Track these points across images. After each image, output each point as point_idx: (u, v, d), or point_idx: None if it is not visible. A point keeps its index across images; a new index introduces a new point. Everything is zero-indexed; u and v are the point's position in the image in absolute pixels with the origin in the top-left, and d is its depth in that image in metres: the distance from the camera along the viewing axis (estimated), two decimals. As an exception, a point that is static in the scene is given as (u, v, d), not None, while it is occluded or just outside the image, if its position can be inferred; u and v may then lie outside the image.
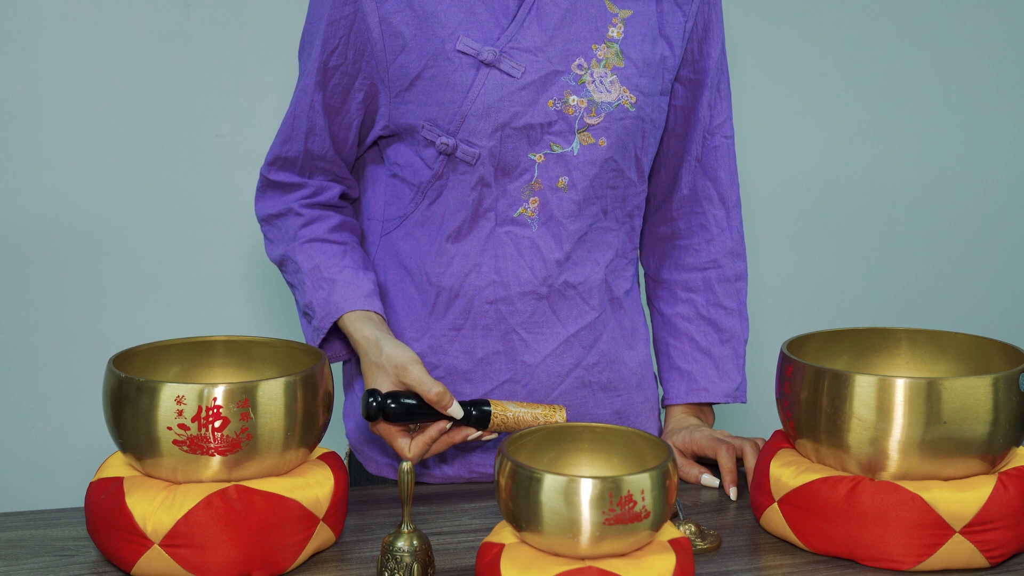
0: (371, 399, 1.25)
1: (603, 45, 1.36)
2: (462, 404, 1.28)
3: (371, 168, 1.47)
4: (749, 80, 2.21)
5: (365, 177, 1.48)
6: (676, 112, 1.48)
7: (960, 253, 2.42)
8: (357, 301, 1.36)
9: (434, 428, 1.28)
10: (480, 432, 1.30)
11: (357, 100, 1.39)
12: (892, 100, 2.33)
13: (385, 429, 1.29)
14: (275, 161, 1.43)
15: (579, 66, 1.35)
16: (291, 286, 1.45)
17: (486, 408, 1.28)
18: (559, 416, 1.30)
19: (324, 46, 1.36)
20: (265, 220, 1.47)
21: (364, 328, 1.33)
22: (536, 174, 1.36)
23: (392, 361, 1.28)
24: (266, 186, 1.46)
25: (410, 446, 1.28)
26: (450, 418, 1.27)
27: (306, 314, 1.41)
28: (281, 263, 1.45)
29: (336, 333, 1.43)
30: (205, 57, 1.97)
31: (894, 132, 2.34)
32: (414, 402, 1.26)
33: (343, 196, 1.48)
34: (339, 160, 1.43)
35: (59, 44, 1.91)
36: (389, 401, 1.26)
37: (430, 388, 1.25)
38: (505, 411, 1.29)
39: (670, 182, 1.52)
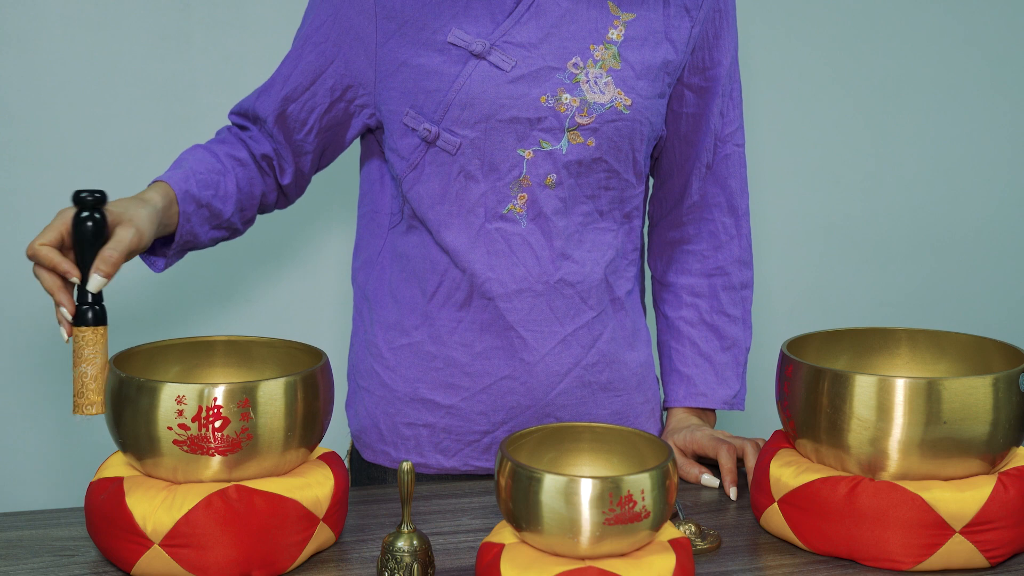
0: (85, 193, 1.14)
1: (601, 46, 1.36)
2: (90, 305, 1.15)
3: (377, 164, 1.47)
4: (749, 80, 2.22)
5: (372, 173, 1.49)
6: (687, 119, 1.48)
7: (960, 253, 2.42)
8: (173, 176, 1.31)
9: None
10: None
11: (326, 86, 1.40)
12: (891, 102, 2.33)
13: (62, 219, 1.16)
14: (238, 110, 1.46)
15: (575, 65, 1.35)
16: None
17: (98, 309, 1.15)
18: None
19: (314, 20, 1.39)
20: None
21: (149, 191, 1.27)
22: (524, 170, 1.36)
23: (127, 208, 1.20)
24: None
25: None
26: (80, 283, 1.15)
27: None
28: None
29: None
30: (205, 57, 1.97)
31: (894, 133, 2.34)
32: (92, 232, 1.15)
33: (266, 159, 1.44)
34: (282, 136, 1.43)
35: (59, 44, 1.91)
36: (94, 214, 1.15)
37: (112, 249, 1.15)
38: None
39: (681, 188, 1.52)
